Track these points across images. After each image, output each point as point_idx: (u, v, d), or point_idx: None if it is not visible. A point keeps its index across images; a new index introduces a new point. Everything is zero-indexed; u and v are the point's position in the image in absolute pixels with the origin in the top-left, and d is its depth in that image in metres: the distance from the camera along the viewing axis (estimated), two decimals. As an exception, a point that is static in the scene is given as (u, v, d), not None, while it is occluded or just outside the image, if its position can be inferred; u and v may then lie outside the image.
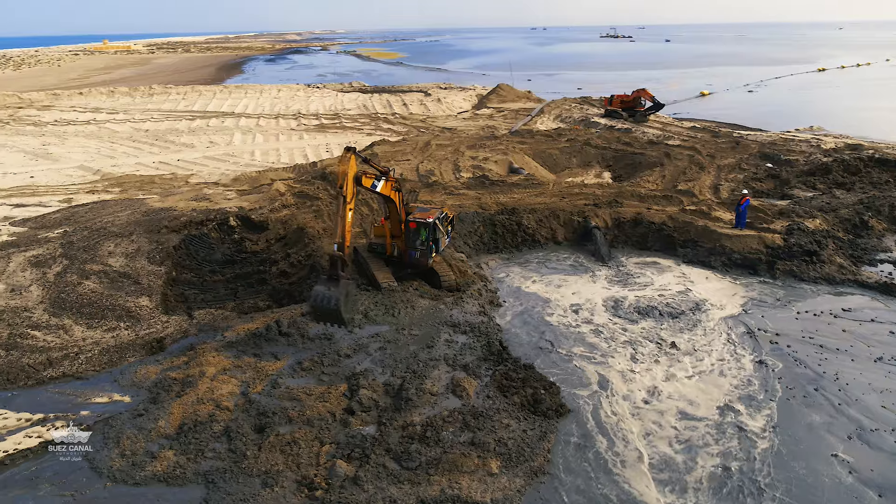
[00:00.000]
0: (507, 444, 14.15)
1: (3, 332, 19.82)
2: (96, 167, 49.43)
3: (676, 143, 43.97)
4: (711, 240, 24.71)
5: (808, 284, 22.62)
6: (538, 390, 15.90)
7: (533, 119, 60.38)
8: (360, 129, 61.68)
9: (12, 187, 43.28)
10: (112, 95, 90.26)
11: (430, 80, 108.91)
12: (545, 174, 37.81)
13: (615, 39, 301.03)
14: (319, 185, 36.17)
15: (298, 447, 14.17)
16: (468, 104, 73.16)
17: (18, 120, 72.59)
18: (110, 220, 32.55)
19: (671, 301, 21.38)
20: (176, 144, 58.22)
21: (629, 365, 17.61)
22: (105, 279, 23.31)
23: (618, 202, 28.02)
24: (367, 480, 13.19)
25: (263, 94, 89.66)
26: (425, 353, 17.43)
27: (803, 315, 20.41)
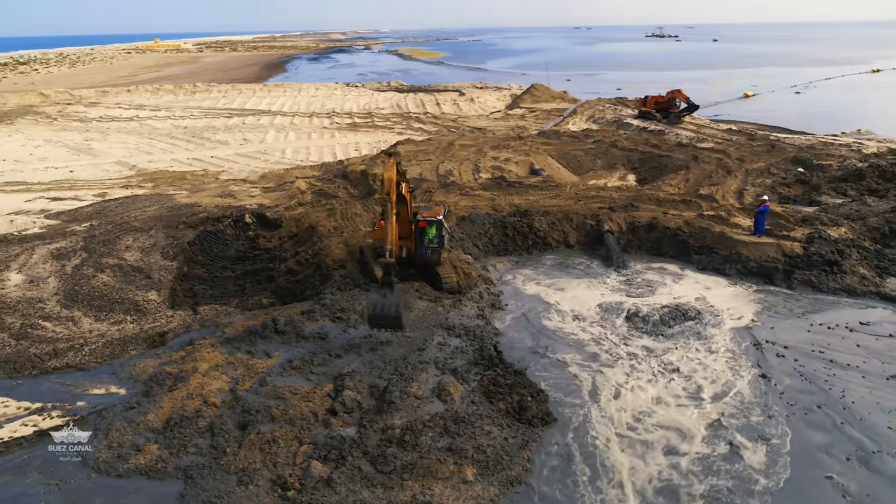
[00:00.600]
0: (485, 452, 13.93)
1: (17, 322, 20.55)
2: (133, 163, 50.86)
3: (708, 146, 42.80)
4: (727, 247, 23.92)
5: (826, 296, 21.68)
6: (525, 397, 15.62)
7: (565, 120, 59.66)
8: (391, 128, 61.97)
9: (52, 181, 44.86)
10: (156, 93, 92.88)
11: (467, 80, 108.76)
12: (568, 176, 37.26)
13: (660, 39, 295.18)
14: (340, 183, 36.47)
15: (277, 446, 14.23)
16: (501, 104, 72.76)
17: (66, 116, 75.32)
18: (136, 215, 33.46)
19: (679, 309, 20.72)
20: (211, 141, 59.45)
21: (625, 376, 17.13)
22: (119, 273, 23.94)
23: (633, 206, 27.38)
24: (341, 483, 13.15)
25: (301, 93, 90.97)
26: (416, 355, 17.31)
27: (816, 328, 19.55)
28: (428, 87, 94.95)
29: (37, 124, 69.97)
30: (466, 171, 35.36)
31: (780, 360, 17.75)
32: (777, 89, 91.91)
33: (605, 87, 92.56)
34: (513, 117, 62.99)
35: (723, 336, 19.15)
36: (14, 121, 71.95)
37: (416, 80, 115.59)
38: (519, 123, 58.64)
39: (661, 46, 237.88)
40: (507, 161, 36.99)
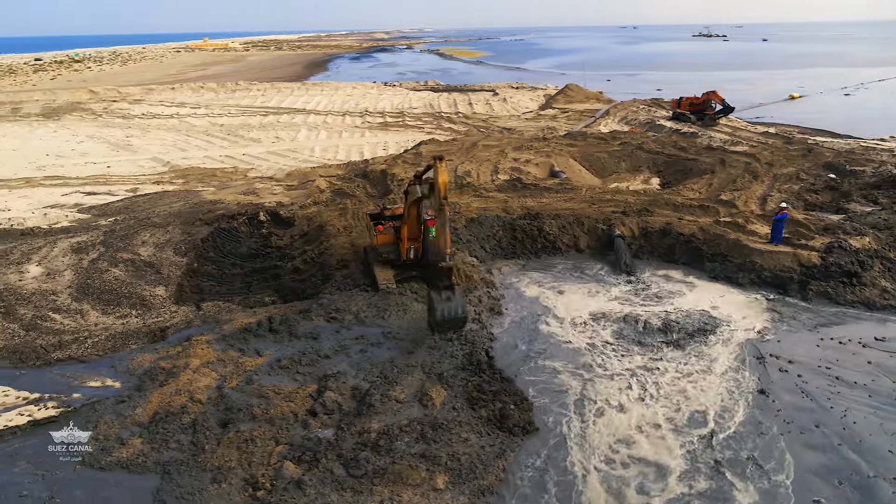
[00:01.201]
0: (459, 460, 13.73)
1: (28, 314, 21.24)
2: (167, 159, 52.17)
3: (740, 150, 41.53)
4: (742, 255, 23.10)
5: (843, 308, 20.71)
6: (508, 405, 15.36)
7: (597, 121, 58.76)
8: (421, 127, 62.05)
9: (89, 176, 46.34)
10: (198, 91, 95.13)
11: (505, 80, 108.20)
12: (589, 178, 36.64)
13: (708, 39, 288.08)
14: (359, 182, 36.67)
15: (254, 445, 14.30)
16: (535, 104, 72.10)
17: (111, 112, 77.76)
18: (160, 211, 34.28)
19: (684, 319, 20.09)
20: (245, 139, 60.54)
21: (616, 386, 16.68)
22: (131, 268, 24.53)
23: (648, 211, 26.70)
24: (311, 485, 13.14)
25: (338, 92, 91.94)
26: (404, 358, 17.20)
27: (827, 342, 18.69)
28: (463, 86, 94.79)
29: (82, 120, 72.42)
30: (485, 171, 35.10)
31: (783, 376, 17.03)
32: (826, 91, 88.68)
33: (645, 88, 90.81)
34: (544, 118, 62.35)
35: (725, 348, 18.47)
36: (61, 117, 74.66)
37: (454, 79, 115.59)
38: (549, 124, 58.00)
39: (708, 46, 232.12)
40: (527, 162, 36.57)
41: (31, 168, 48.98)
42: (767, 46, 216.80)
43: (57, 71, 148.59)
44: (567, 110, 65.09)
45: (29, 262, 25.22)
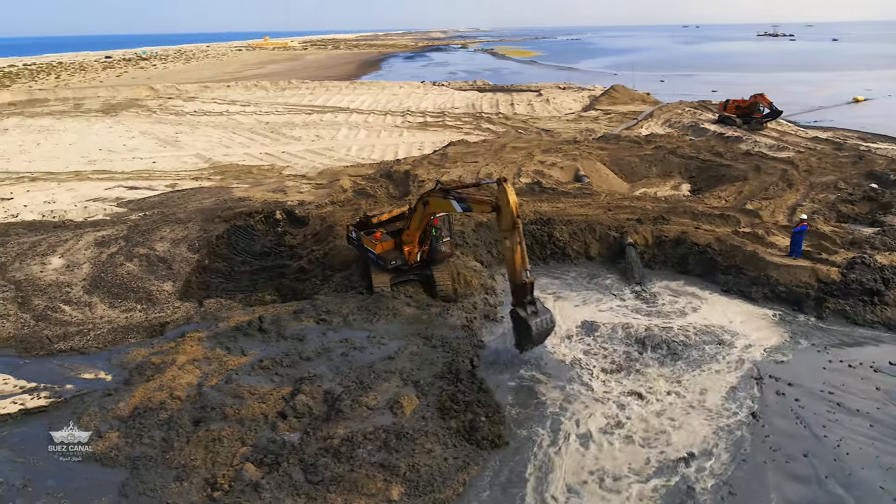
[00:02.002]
0: (419, 471, 13.49)
1: (41, 304, 22.12)
2: (209, 156, 53.49)
3: (782, 156, 39.65)
4: (757, 268, 21.99)
5: (861, 329, 19.46)
6: (479, 417, 15.02)
7: (639, 123, 57.23)
8: (460, 128, 61.75)
9: (134, 171, 48.00)
10: (250, 89, 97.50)
11: (554, 80, 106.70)
12: (616, 183, 35.68)
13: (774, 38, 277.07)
14: (383, 183, 36.77)
15: (221, 445, 14.43)
16: (578, 105, 70.84)
17: (165, 109, 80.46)
18: (191, 207, 35.19)
19: (686, 334, 19.28)
20: (286, 137, 61.54)
21: (599, 405, 16.12)
22: (144, 263, 25.24)
23: (664, 219, 25.75)
24: (268, 489, 13.15)
25: (384, 91, 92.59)
26: (383, 363, 17.06)
27: (835, 365, 17.56)
28: (511, 86, 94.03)
29: (137, 116, 75.17)
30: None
31: (779, 399, 16.09)
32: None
33: (700, 89, 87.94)
34: (585, 119, 61.15)
35: (722, 367, 17.60)
36: (119, 113, 77.72)
37: (504, 79, 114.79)
38: (589, 126, 56.82)
39: (773, 46, 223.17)
40: (552, 166, 35.88)
41: (83, 162, 51.06)
42: (837, 46, 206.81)
43: (124, 68, 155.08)
44: (610, 112, 63.66)
45: (53, 254, 26.30)
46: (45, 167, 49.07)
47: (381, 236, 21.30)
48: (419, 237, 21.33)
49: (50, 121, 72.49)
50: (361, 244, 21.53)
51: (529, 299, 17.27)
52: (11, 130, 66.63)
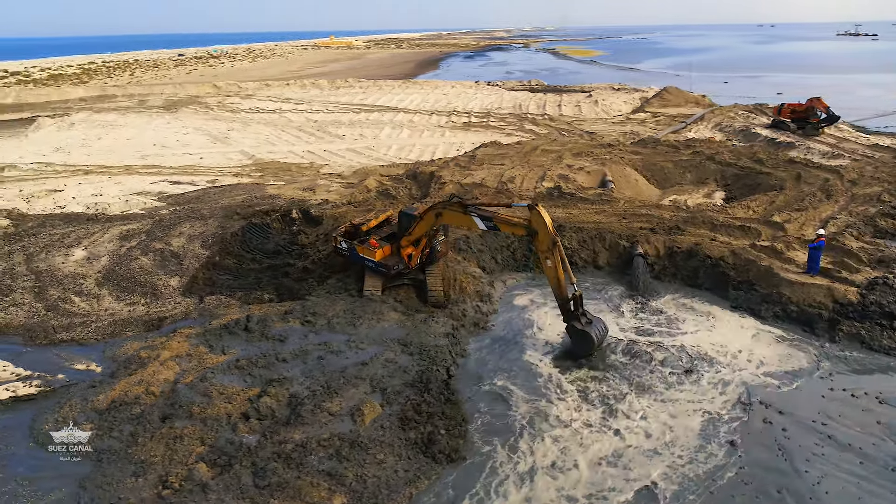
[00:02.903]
0: (365, 482, 13.28)
1: (55, 295, 23.07)
2: (253, 153, 54.75)
3: (834, 164, 37.36)
4: (770, 284, 20.71)
5: (875, 355, 18.02)
6: (438, 429, 14.68)
7: (687, 126, 55.18)
8: (502, 129, 61.15)
9: (181, 166, 49.60)
10: (305, 88, 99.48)
11: (611, 80, 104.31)
12: (646, 189, 34.43)
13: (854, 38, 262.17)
14: (408, 183, 36.69)
15: (181, 443, 14.62)
16: (628, 107, 68.96)
17: (222, 106, 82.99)
18: (224, 202, 36.05)
19: (683, 352, 18.33)
20: (330, 135, 62.37)
21: (566, 425, 15.49)
22: (158, 257, 25.96)
23: (680, 229, 24.61)
24: (215, 490, 13.22)
25: (435, 91, 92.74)
26: (356, 369, 16.92)
27: (836, 393, 16.31)
28: (563, 87, 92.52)
29: (195, 113, 77.76)
30: (531, 178, 33.92)
31: (765, 427, 15.06)
32: (983, 98, 78.00)
33: (765, 91, 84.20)
34: (632, 122, 59.43)
35: (713, 388, 16.63)
36: (178, 109, 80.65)
37: (560, 79, 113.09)
38: (634, 129, 55.19)
39: (852, 46, 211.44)
40: (579, 170, 34.94)
41: (136, 156, 53.15)
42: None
43: (194, 66, 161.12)
44: (659, 114, 61.64)
45: (78, 246, 27.41)
46: (100, 161, 51.28)
47: (377, 243, 21.15)
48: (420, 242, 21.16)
49: (114, 116, 75.77)
50: (356, 254, 21.40)
51: (581, 311, 17.98)
52: (78, 125, 69.94)
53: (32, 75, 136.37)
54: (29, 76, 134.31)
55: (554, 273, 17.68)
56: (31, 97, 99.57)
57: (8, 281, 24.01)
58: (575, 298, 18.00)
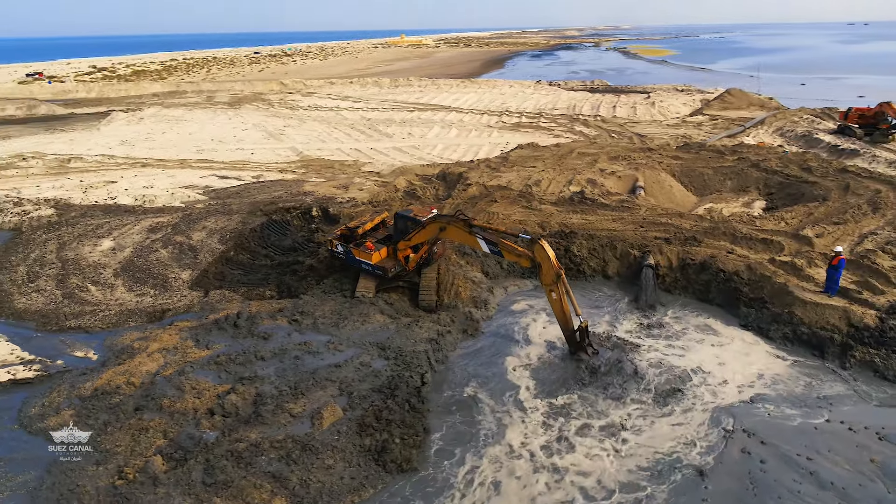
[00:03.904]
0: (308, 487, 13.20)
1: (75, 283, 24.17)
2: (302, 149, 55.85)
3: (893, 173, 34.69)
4: (783, 303, 19.34)
5: (887, 385, 16.51)
6: (393, 438, 14.42)
7: (745, 130, 52.56)
8: (551, 130, 60.06)
9: (232, 161, 51.13)
10: (365, 86, 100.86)
11: (678, 81, 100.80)
12: (680, 196, 32.95)
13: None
14: (437, 184, 36.51)
15: (145, 435, 14.97)
16: (687, 109, 66.36)
17: (283, 103, 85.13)
18: (260, 198, 36.90)
19: (670, 372, 17.35)
20: (380, 133, 62.91)
21: (532, 440, 14.93)
22: (176, 250, 26.80)
23: (696, 240, 23.33)
24: (164, 484, 13.44)
25: (493, 90, 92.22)
26: (328, 371, 16.86)
27: (832, 425, 15.01)
28: (624, 87, 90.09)
29: (256, 110, 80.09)
30: (559, 182, 33.06)
31: (742, 458, 14.03)
32: None
33: (845, 94, 79.38)
34: (687, 125, 57.13)
35: (696, 412, 15.65)
36: (242, 106, 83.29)
37: (627, 79, 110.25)
38: (688, 132, 53.04)
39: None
40: (611, 175, 33.79)
41: (192, 151, 55.16)
42: None
43: (267, 64, 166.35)
44: (717, 117, 58.99)
45: (108, 237, 28.66)
46: (159, 154, 53.46)
47: (374, 246, 21.11)
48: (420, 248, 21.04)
49: (182, 112, 78.92)
50: (352, 257, 21.42)
51: (588, 342, 17.77)
52: (147, 119, 73.27)
53: (118, 71, 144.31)
54: (114, 72, 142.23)
55: (559, 306, 17.49)
56: (111, 92, 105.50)
57: (37, 268, 25.36)
58: (581, 330, 17.70)
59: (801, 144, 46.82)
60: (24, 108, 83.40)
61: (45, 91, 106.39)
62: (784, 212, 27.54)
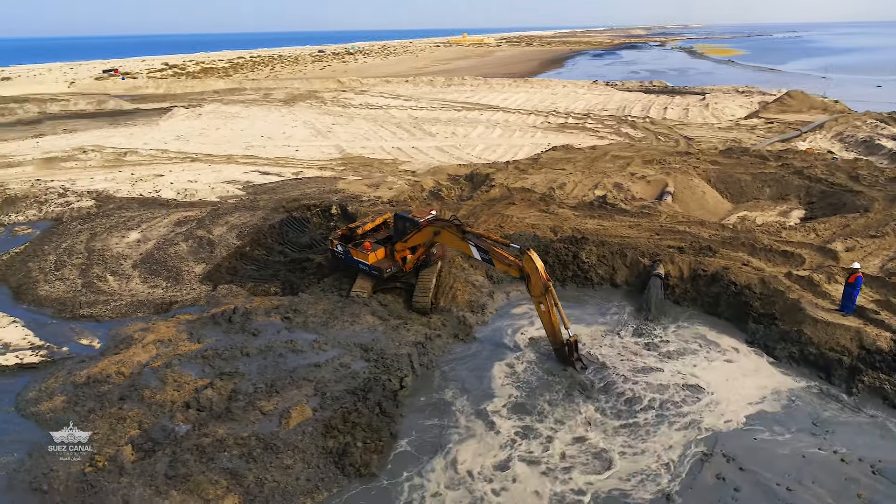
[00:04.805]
0: (262, 486, 13.24)
1: (96, 272, 25.15)
2: (345, 147, 56.48)
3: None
4: (793, 320, 18.18)
5: (893, 414, 15.25)
6: (356, 441, 14.31)
7: (802, 135, 49.98)
8: (597, 131, 58.75)
9: (276, 157, 52.19)
10: (417, 85, 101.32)
11: (742, 82, 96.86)
12: (713, 203, 31.56)
13: None
14: (464, 185, 36.26)
15: (123, 424, 15.38)
16: (743, 112, 63.65)
17: (335, 101, 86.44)
18: (291, 194, 37.60)
19: (657, 389, 16.57)
20: (423, 132, 62.97)
21: (498, 452, 14.53)
22: (195, 244, 27.51)
23: (711, 250, 22.23)
24: (130, 474, 13.75)
25: (545, 90, 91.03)
26: (307, 370, 16.90)
27: (824, 454, 13.97)
28: (681, 88, 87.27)
29: (309, 107, 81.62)
30: (584, 185, 32.23)
31: (716, 484, 13.23)
32: None
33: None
34: (740, 128, 54.77)
35: (678, 432, 14.87)
36: (295, 104, 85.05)
37: (688, 80, 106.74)
38: (739, 136, 50.85)
39: None
40: (640, 179, 32.69)
41: (241, 146, 56.60)
42: None
43: (329, 62, 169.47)
44: (773, 121, 56.29)
45: (136, 229, 29.73)
46: (209, 149, 55.09)
47: (370, 246, 21.10)
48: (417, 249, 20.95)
49: (238, 108, 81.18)
50: (350, 256, 21.48)
51: (576, 357, 17.53)
52: (204, 115, 75.70)
53: (187, 68, 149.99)
54: (184, 69, 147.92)
55: (547, 318, 17.26)
56: (178, 88, 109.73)
57: (65, 257, 26.55)
58: (570, 344, 17.36)
59: (861, 151, 44.14)
60: (95, 102, 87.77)
61: (118, 87, 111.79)
62: (818, 222, 25.96)
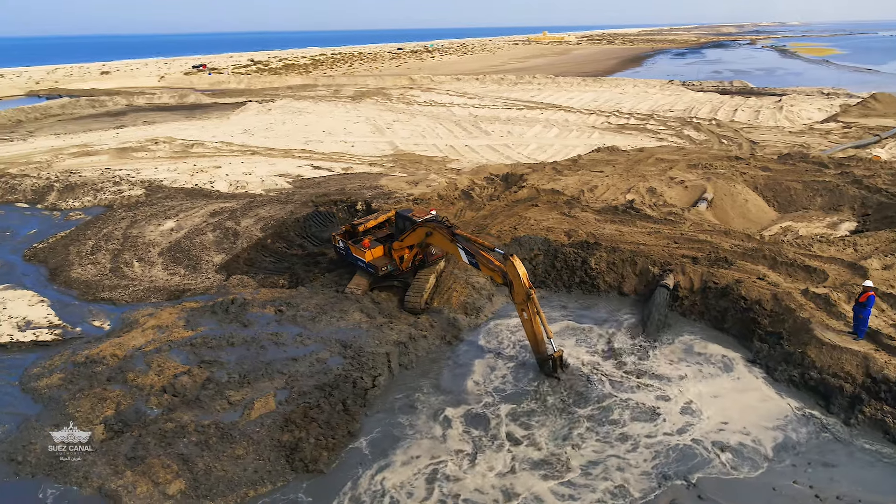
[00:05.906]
0: (210, 474, 13.52)
1: (125, 258, 26.41)
2: (399, 144, 56.95)
3: None
4: (799, 341, 16.81)
5: (892, 450, 13.83)
6: (309, 437, 14.36)
7: (881, 141, 46.35)
8: (656, 133, 56.60)
9: (331, 152, 53.33)
10: (483, 83, 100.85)
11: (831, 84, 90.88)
12: (756, 211, 29.71)
13: None
14: (498, 184, 35.79)
15: (102, 404, 16.08)
16: (820, 115, 59.65)
17: (401, 98, 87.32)
18: (329, 189, 38.31)
19: (629, 407, 15.75)
20: (480, 130, 62.63)
21: (451, 458, 14.22)
22: (221, 235, 28.39)
23: (728, 262, 20.88)
24: (94, 453, 14.38)
25: (614, 90, 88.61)
26: (283, 363, 17.11)
27: (798, 489, 12.82)
28: (760, 89, 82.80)
29: (374, 104, 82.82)
30: (617, 189, 31.06)
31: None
32: None
33: None
34: (813, 133, 51.38)
35: (644, 453, 14.07)
36: (362, 100, 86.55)
37: (775, 80, 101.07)
38: (809, 140, 47.72)
39: None
40: (678, 184, 31.15)
41: (301, 141, 58.10)
42: None
43: (406, 59, 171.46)
44: (852, 125, 52.41)
45: (173, 218, 31.04)
46: (271, 143, 56.80)
47: (369, 244, 21.18)
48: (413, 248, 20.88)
49: (307, 104, 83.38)
50: (349, 253, 21.63)
51: (559, 373, 17.07)
52: (275, 110, 78.20)
53: (271, 64, 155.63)
54: (268, 65, 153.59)
55: (530, 326, 16.90)
56: (257, 84, 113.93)
57: (102, 242, 28.06)
58: (554, 359, 16.88)
59: None
60: (177, 96, 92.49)
61: (203, 81, 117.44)
62: (860, 236, 23.91)
